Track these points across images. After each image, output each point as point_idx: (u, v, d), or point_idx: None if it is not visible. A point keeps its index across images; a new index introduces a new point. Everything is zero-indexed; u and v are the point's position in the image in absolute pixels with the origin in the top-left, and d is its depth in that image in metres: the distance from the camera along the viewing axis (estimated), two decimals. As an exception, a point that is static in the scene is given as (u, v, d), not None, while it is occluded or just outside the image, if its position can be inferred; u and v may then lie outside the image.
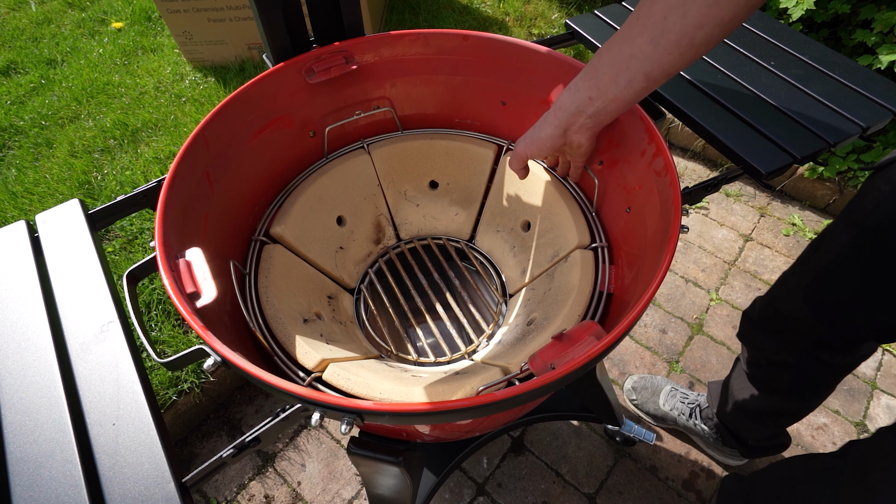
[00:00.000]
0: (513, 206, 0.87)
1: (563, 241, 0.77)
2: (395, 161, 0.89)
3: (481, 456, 1.32)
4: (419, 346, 0.88)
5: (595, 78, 0.57)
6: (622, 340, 0.50)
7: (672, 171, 0.61)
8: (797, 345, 0.89)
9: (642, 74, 0.54)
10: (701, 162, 2.00)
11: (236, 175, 0.75)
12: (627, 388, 1.40)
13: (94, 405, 0.50)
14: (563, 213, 0.78)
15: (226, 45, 2.11)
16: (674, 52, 0.51)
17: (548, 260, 0.79)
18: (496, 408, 0.46)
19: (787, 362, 0.93)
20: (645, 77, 0.54)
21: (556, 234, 0.79)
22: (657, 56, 0.52)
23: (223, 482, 1.29)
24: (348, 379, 0.60)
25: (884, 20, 1.55)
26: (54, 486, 0.45)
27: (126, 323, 0.56)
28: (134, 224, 1.58)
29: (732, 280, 1.67)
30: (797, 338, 0.89)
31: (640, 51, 0.52)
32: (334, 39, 0.81)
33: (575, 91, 0.60)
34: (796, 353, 0.90)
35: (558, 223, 0.79)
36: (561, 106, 0.62)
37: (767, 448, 1.18)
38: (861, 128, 0.75)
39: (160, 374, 1.30)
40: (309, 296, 0.76)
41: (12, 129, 1.96)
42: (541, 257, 0.81)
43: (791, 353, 0.91)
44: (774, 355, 0.96)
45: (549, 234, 0.80)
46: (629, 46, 0.53)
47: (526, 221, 0.86)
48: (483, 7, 2.45)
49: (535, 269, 0.82)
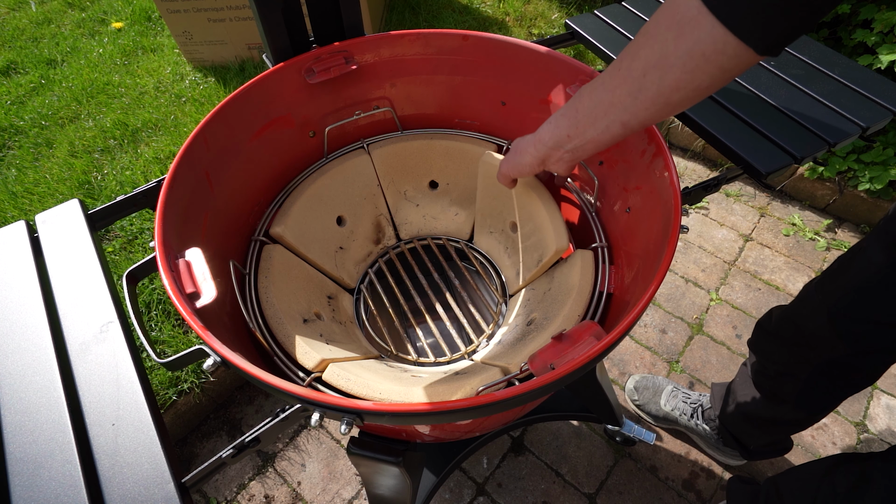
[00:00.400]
0: (499, 207, 0.87)
1: (544, 245, 0.77)
2: (394, 161, 0.89)
3: (481, 456, 1.32)
4: (419, 346, 0.88)
5: (575, 118, 0.59)
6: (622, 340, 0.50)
7: (672, 171, 0.61)
8: (810, 361, 0.88)
9: (619, 123, 0.55)
10: (701, 162, 2.00)
11: (236, 175, 0.75)
12: (629, 388, 1.40)
13: (93, 405, 0.50)
14: (541, 215, 0.78)
15: (226, 45, 2.10)
16: (650, 108, 0.51)
17: (534, 263, 0.79)
18: (496, 408, 0.46)
19: (798, 375, 0.91)
20: (622, 125, 0.55)
21: (538, 238, 0.79)
22: (634, 108, 0.52)
23: (223, 482, 1.29)
24: (348, 379, 0.60)
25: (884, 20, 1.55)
26: (54, 486, 0.45)
27: (126, 323, 0.56)
28: (134, 224, 1.58)
29: (732, 280, 1.67)
30: (812, 355, 0.87)
31: (619, 100, 0.53)
32: (334, 39, 0.81)
33: (555, 127, 0.61)
34: (808, 368, 0.88)
35: (540, 226, 0.79)
36: (541, 139, 0.63)
37: (768, 452, 1.17)
38: (861, 128, 0.75)
39: (160, 374, 1.30)
40: (309, 296, 0.76)
41: (12, 129, 1.96)
42: (529, 260, 0.82)
43: (803, 366, 0.89)
44: (785, 367, 0.94)
45: (533, 236, 0.81)
46: (609, 95, 0.54)
47: (513, 223, 0.86)
48: (483, 7, 2.45)
49: (525, 272, 0.82)
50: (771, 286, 1.65)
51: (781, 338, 0.94)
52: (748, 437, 1.15)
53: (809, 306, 0.87)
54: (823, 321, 0.82)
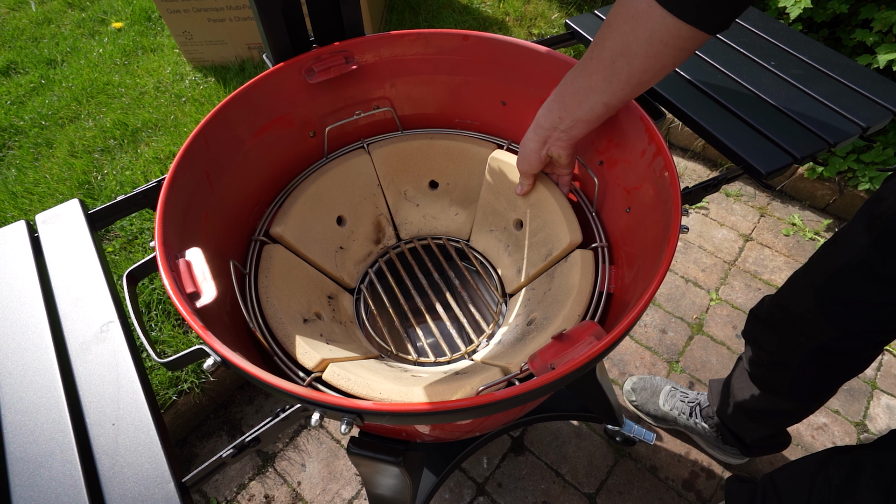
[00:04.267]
0: (504, 204, 0.87)
1: (556, 239, 0.77)
2: (394, 161, 0.89)
3: (481, 456, 1.32)
4: (419, 345, 0.88)
5: (562, 102, 0.64)
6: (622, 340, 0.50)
7: (672, 171, 0.61)
8: (801, 347, 0.89)
9: (601, 103, 0.60)
10: (701, 162, 2.00)
11: (236, 175, 0.75)
12: (627, 389, 1.40)
13: (93, 405, 0.50)
14: (553, 209, 0.78)
15: (226, 45, 2.10)
16: (625, 87, 0.57)
17: (541, 259, 0.79)
18: (496, 408, 0.46)
19: (790, 364, 0.93)
20: (604, 105, 0.60)
21: (548, 233, 0.79)
22: (612, 90, 0.58)
23: (223, 482, 1.29)
24: (348, 379, 0.60)
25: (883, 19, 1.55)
26: (54, 486, 0.45)
27: (126, 323, 0.56)
28: (134, 224, 1.58)
29: (732, 280, 1.67)
30: (802, 340, 0.89)
31: (596, 85, 0.59)
32: (334, 39, 0.81)
33: (548, 111, 0.67)
34: (799, 355, 0.90)
35: (549, 221, 0.79)
36: (539, 123, 0.69)
37: (767, 447, 1.18)
38: (861, 128, 0.75)
39: (160, 374, 1.30)
40: (309, 296, 0.76)
41: (12, 129, 1.96)
42: (535, 256, 0.81)
43: (794, 355, 0.91)
44: (777, 356, 0.96)
45: (542, 232, 0.80)
46: (587, 80, 0.60)
47: (518, 220, 0.85)
48: (483, 7, 2.45)
49: (529, 269, 0.82)
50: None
51: (772, 325, 0.96)
52: (745, 430, 1.16)
53: (797, 290, 0.89)
54: (811, 303, 0.84)
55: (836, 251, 0.82)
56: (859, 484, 0.80)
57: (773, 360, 0.97)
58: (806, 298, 0.86)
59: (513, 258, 0.86)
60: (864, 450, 0.83)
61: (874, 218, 0.74)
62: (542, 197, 0.80)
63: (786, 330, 0.92)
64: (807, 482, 0.89)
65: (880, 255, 0.73)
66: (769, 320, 0.96)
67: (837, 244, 0.82)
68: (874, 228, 0.74)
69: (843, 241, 0.80)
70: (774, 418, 1.07)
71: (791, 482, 0.93)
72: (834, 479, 0.84)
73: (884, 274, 0.73)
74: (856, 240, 0.77)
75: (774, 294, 0.97)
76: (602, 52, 0.55)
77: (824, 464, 0.88)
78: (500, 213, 0.88)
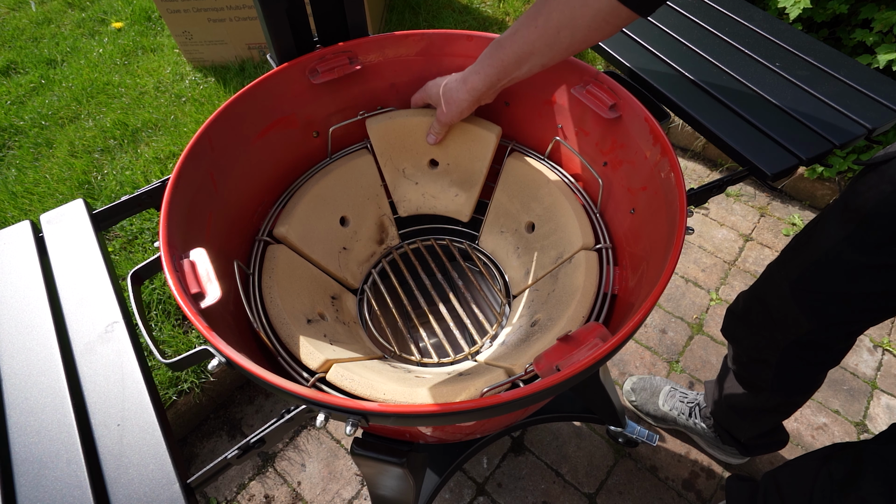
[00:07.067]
0: (517, 206, 0.86)
1: (567, 242, 0.77)
2: (393, 137, 0.87)
3: (481, 456, 1.32)
4: (422, 346, 0.88)
5: (501, 65, 0.70)
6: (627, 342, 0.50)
7: (678, 172, 0.61)
8: (778, 342, 0.90)
9: (540, 65, 0.67)
10: (701, 162, 2.00)
11: (240, 175, 0.75)
12: (626, 389, 1.40)
13: (98, 406, 0.50)
14: (567, 214, 0.78)
15: (226, 45, 2.10)
16: (564, 53, 0.65)
17: (551, 262, 0.79)
18: (502, 409, 0.46)
19: (769, 360, 0.94)
20: (542, 66, 0.68)
21: (560, 236, 0.79)
22: (552, 55, 0.65)
23: (223, 482, 1.29)
24: (352, 380, 0.60)
25: (883, 19, 1.55)
26: (59, 486, 0.45)
27: (131, 323, 0.56)
28: (134, 224, 1.58)
29: (732, 280, 1.67)
30: (778, 335, 0.90)
31: (538, 50, 0.65)
32: (338, 40, 0.81)
33: (485, 76, 0.72)
34: (777, 350, 0.91)
35: (562, 224, 0.79)
36: (474, 86, 0.74)
37: (764, 446, 1.18)
38: (867, 129, 0.75)
39: (160, 374, 1.30)
40: (312, 296, 0.76)
41: (12, 129, 1.95)
42: (544, 259, 0.81)
43: (772, 350, 0.92)
44: (755, 353, 0.96)
45: (554, 235, 0.80)
46: (528, 46, 0.66)
47: (530, 223, 0.85)
48: (483, 7, 2.45)
49: (538, 271, 0.81)
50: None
51: (749, 321, 0.97)
52: (738, 429, 1.16)
53: (772, 283, 0.90)
54: (786, 295, 0.85)
55: (810, 243, 0.83)
56: (863, 478, 0.80)
57: (753, 357, 0.98)
58: (781, 291, 0.87)
59: (521, 260, 0.85)
60: (866, 445, 0.84)
61: (850, 211, 0.75)
62: (556, 200, 0.80)
63: (762, 325, 0.93)
64: (809, 479, 0.89)
65: (856, 248, 0.74)
66: (745, 316, 0.97)
67: (812, 236, 0.83)
68: (850, 221, 0.75)
69: (817, 232, 0.81)
70: (763, 415, 1.08)
71: (793, 479, 0.94)
72: (836, 474, 0.84)
73: (858, 266, 0.75)
74: (829, 231, 0.78)
75: (749, 287, 0.98)
76: (548, 22, 0.62)
77: (826, 460, 0.88)
78: (512, 215, 0.87)
